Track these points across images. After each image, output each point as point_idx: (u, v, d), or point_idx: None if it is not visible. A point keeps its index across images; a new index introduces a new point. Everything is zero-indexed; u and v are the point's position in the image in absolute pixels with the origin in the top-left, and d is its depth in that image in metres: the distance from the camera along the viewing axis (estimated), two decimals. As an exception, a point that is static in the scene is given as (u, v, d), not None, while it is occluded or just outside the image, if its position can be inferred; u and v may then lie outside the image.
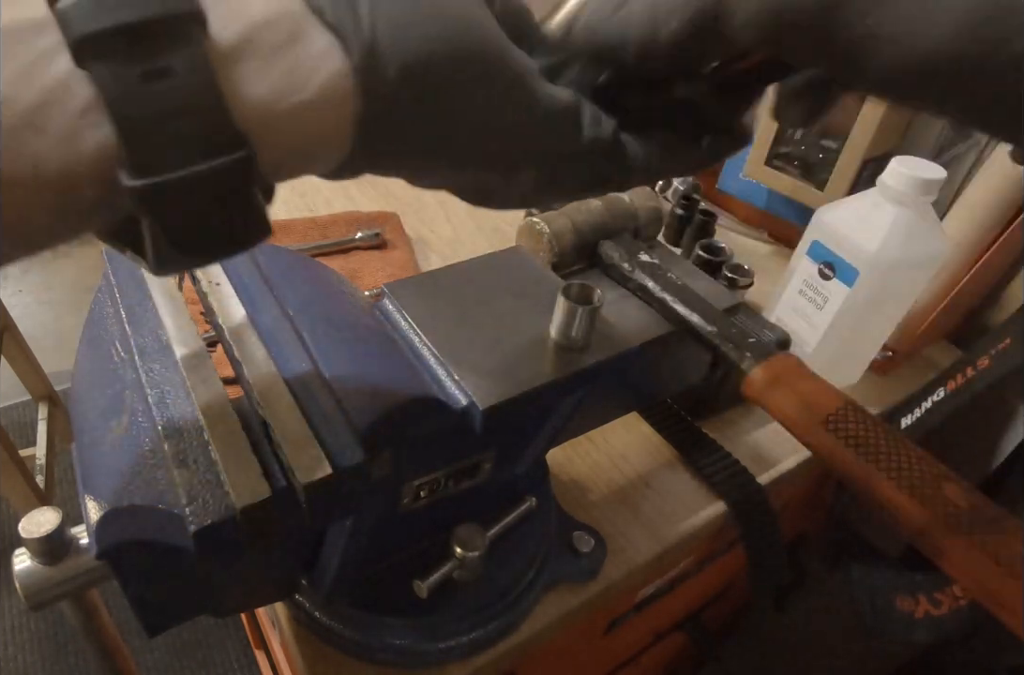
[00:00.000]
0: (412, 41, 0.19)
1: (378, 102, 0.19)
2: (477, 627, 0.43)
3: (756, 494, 0.54)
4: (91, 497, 0.28)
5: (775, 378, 0.38)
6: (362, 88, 0.19)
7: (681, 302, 0.44)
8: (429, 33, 0.20)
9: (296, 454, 0.27)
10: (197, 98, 0.16)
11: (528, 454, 0.43)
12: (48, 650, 1.32)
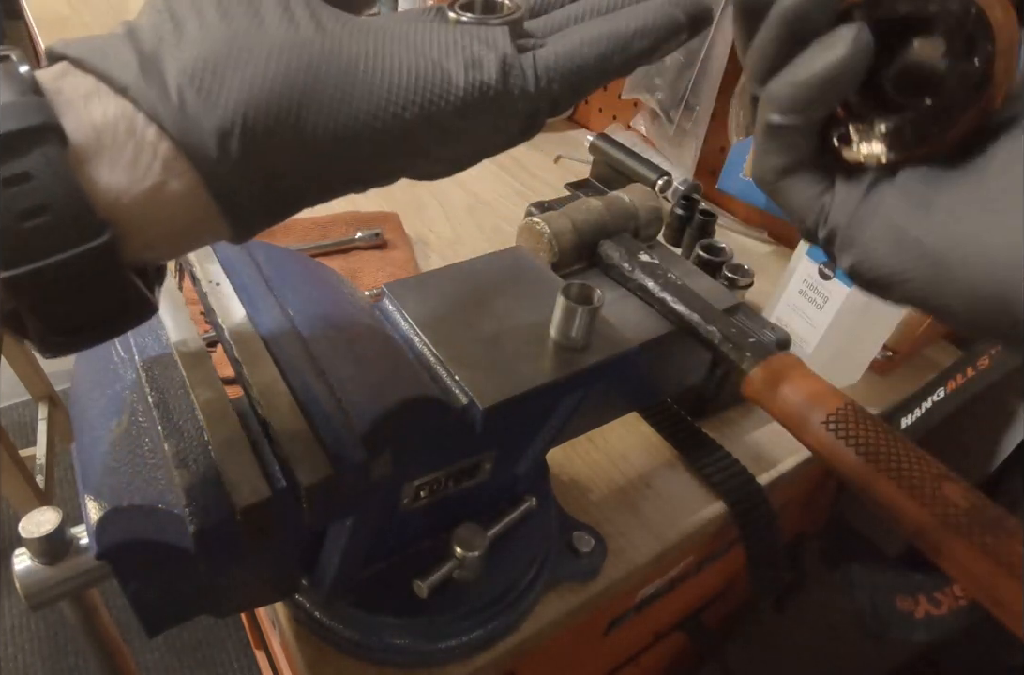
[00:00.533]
0: (219, 105, 0.20)
1: (215, 170, 0.20)
2: (477, 627, 0.43)
3: (756, 494, 0.54)
4: (91, 497, 0.28)
5: (775, 378, 0.38)
6: (194, 162, 0.20)
7: (681, 302, 0.44)
8: (234, 91, 0.20)
9: (296, 454, 0.27)
10: (56, 195, 0.19)
11: (528, 454, 0.43)
12: (48, 650, 1.32)
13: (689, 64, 0.85)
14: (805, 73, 0.22)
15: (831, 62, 0.21)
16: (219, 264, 0.35)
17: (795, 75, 0.22)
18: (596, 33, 0.24)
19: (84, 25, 1.26)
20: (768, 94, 0.23)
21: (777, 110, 0.23)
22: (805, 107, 0.23)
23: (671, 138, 0.93)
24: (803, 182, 0.25)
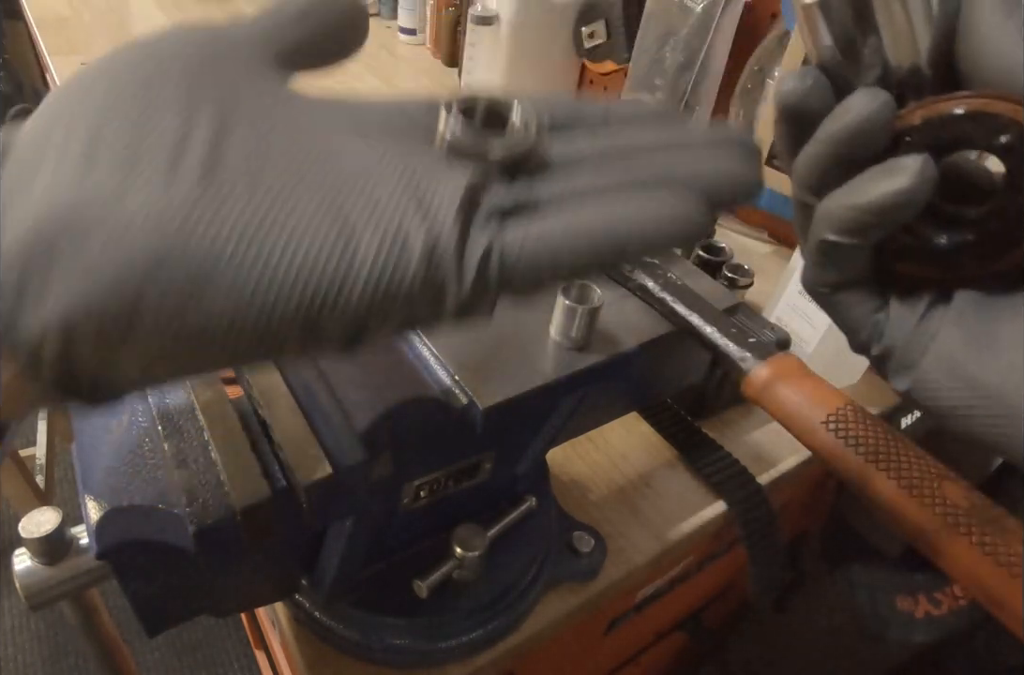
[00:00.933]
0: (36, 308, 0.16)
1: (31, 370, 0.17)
2: (477, 627, 0.43)
3: (756, 494, 0.54)
4: (91, 497, 0.28)
5: (775, 378, 0.38)
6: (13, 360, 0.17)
7: (681, 302, 0.44)
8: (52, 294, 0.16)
9: (296, 454, 0.27)
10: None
11: (528, 454, 0.43)
12: (48, 650, 1.32)
13: (689, 64, 0.85)
14: (864, 199, 0.21)
15: (894, 192, 0.20)
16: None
17: (853, 199, 0.21)
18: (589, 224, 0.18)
19: (84, 25, 1.26)
20: (823, 212, 0.23)
21: (832, 230, 0.22)
22: (863, 231, 0.22)
23: (671, 138, 0.93)
24: (857, 297, 0.24)
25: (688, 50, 0.84)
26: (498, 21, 0.95)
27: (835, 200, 0.22)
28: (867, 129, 0.21)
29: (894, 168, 0.21)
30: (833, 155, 0.22)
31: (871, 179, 0.21)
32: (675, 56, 0.85)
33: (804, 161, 0.23)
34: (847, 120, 0.21)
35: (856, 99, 0.21)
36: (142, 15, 1.35)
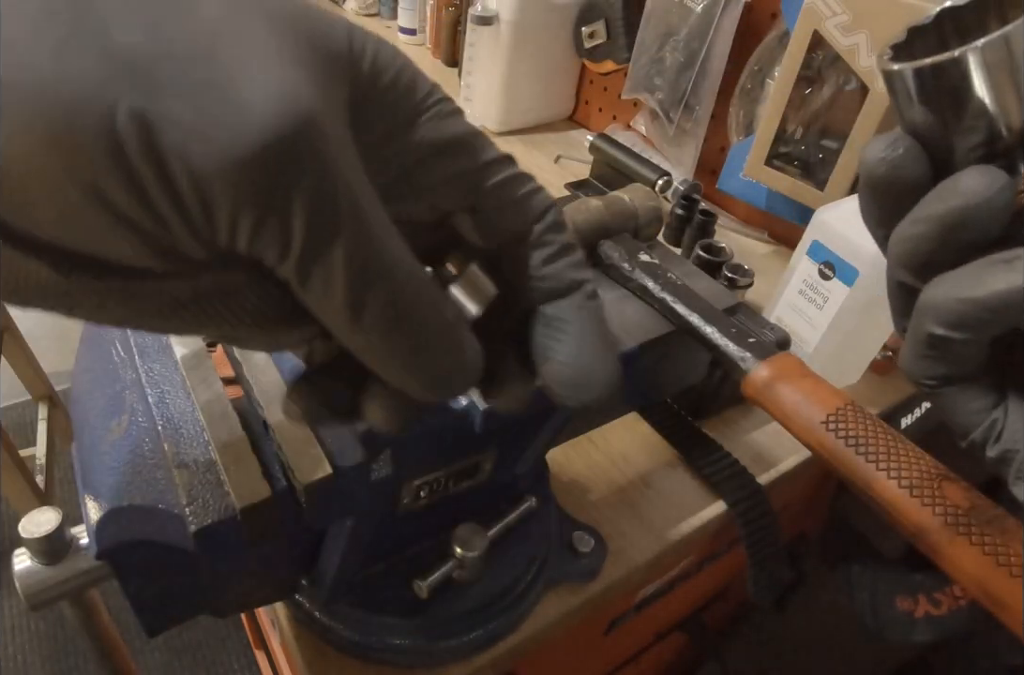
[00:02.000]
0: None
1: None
2: (477, 627, 0.43)
3: (756, 494, 0.54)
4: (91, 497, 0.28)
5: (775, 378, 0.38)
6: None
7: (681, 302, 0.44)
8: None
9: (296, 454, 0.27)
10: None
11: (528, 454, 0.43)
12: (48, 650, 1.32)
13: (689, 64, 0.85)
14: (980, 293, 0.19)
15: (1015, 289, 0.18)
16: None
17: (967, 292, 0.19)
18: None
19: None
20: (930, 302, 0.20)
21: (941, 324, 0.20)
22: (977, 326, 0.19)
23: (671, 138, 0.93)
24: (969, 393, 0.22)
25: (688, 50, 0.84)
26: (498, 21, 0.95)
27: (944, 290, 0.20)
28: (982, 215, 0.19)
29: (1014, 261, 0.18)
30: (940, 239, 0.19)
31: (988, 271, 0.19)
32: (675, 56, 0.85)
33: (904, 241, 0.20)
34: (957, 204, 0.19)
35: (967, 179, 0.19)
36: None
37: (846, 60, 0.65)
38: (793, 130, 0.74)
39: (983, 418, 0.22)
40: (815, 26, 0.65)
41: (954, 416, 0.23)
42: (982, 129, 0.19)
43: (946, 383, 0.22)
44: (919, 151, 0.20)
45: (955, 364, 0.21)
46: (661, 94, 0.89)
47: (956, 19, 0.21)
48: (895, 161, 0.20)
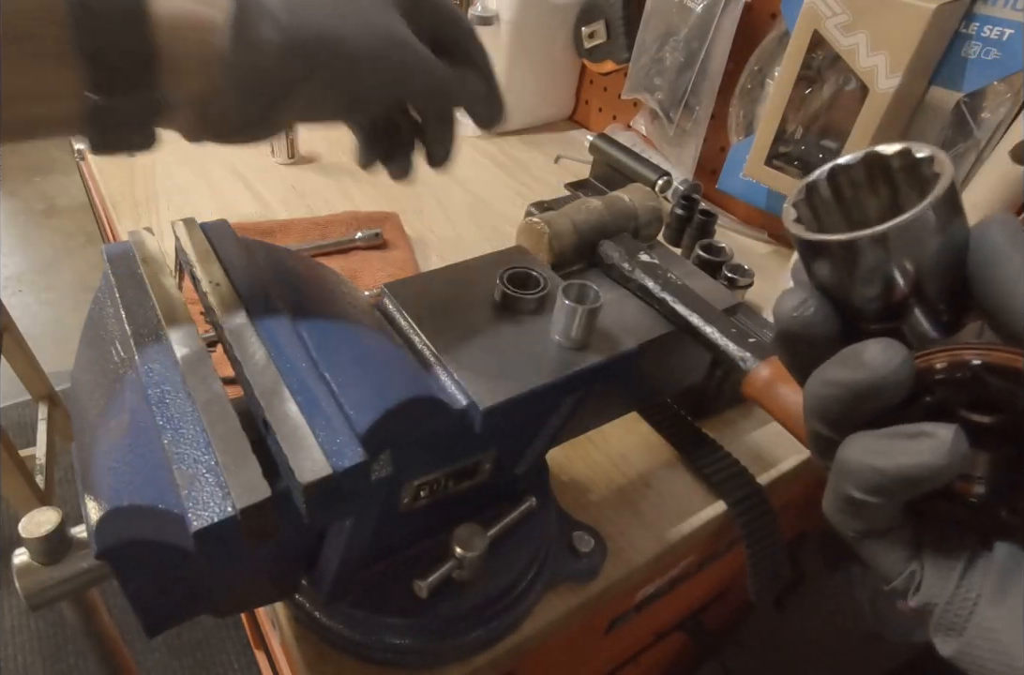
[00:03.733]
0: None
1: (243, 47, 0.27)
2: (477, 627, 0.43)
3: (756, 494, 0.54)
4: (91, 497, 0.28)
5: (775, 378, 0.38)
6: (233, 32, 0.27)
7: (681, 302, 0.44)
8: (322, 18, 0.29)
9: (296, 454, 0.27)
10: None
11: (528, 454, 0.43)
12: (48, 650, 1.32)
13: (689, 64, 0.85)
14: (892, 466, 0.20)
15: (924, 465, 0.19)
16: (219, 264, 0.35)
17: (879, 462, 0.20)
18: None
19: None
20: (846, 467, 0.21)
21: (858, 488, 0.21)
22: (890, 494, 0.20)
23: (671, 138, 0.93)
24: (887, 545, 0.23)
25: (688, 50, 0.84)
26: (498, 21, 0.95)
27: (858, 457, 0.20)
28: (887, 387, 0.20)
29: (922, 437, 0.19)
30: (850, 404, 0.20)
31: (898, 445, 0.20)
32: (675, 56, 0.85)
33: (817, 399, 0.21)
34: (863, 376, 0.20)
35: (872, 353, 0.20)
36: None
37: (846, 60, 0.65)
38: (793, 130, 0.74)
39: (903, 568, 0.23)
40: (815, 26, 0.66)
41: (875, 566, 0.23)
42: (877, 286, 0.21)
43: (865, 537, 0.23)
44: (828, 309, 0.22)
45: (872, 521, 0.22)
46: (661, 94, 0.89)
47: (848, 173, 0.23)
48: (806, 320, 0.22)
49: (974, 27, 0.61)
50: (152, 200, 0.86)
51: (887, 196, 0.22)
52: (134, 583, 0.29)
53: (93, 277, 2.16)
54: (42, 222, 2.48)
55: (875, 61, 0.63)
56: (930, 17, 0.58)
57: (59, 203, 2.57)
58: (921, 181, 0.21)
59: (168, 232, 0.39)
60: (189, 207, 0.85)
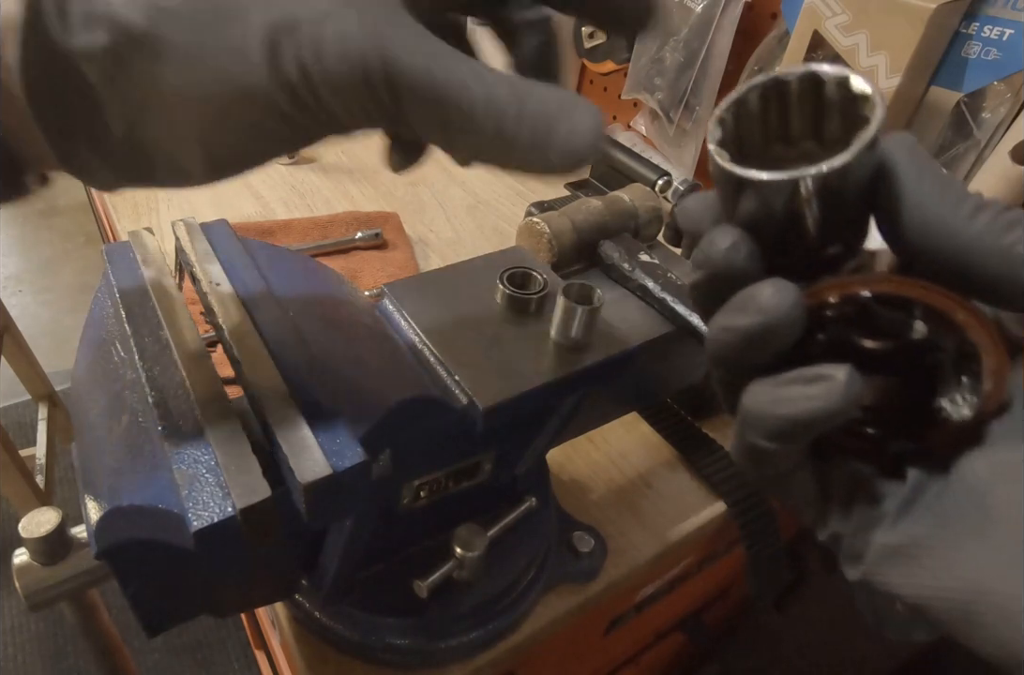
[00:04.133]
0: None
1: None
2: (477, 627, 0.43)
3: (756, 494, 0.54)
4: (91, 497, 0.28)
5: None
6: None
7: (681, 302, 0.44)
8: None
9: (296, 454, 0.27)
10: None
11: (528, 454, 0.43)
12: (48, 650, 1.32)
13: (689, 64, 0.85)
14: (792, 411, 0.20)
15: (819, 408, 0.19)
16: (219, 264, 0.35)
17: (779, 409, 0.20)
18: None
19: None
20: (749, 415, 0.21)
21: (761, 436, 0.21)
22: (792, 439, 0.21)
23: (671, 138, 0.93)
24: (797, 484, 0.23)
25: (688, 50, 0.84)
26: (498, 21, 0.95)
27: (760, 404, 0.21)
28: (779, 329, 0.20)
29: (818, 379, 0.20)
30: (746, 348, 0.21)
31: (796, 390, 0.20)
32: (675, 56, 0.85)
33: (716, 344, 0.22)
34: (756, 320, 0.20)
35: (765, 296, 0.20)
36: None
37: (846, 60, 0.65)
38: (793, 130, 0.74)
39: (813, 506, 0.23)
40: (815, 26, 0.65)
41: (787, 503, 0.24)
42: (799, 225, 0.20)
43: (774, 479, 0.23)
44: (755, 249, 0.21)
45: (777, 465, 0.22)
46: (661, 94, 0.89)
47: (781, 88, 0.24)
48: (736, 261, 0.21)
49: (974, 27, 0.61)
50: (152, 200, 0.86)
51: (810, 118, 0.23)
52: (134, 583, 0.29)
53: (93, 277, 2.16)
54: (42, 222, 2.49)
55: (875, 61, 0.63)
56: (930, 17, 0.58)
57: (59, 203, 2.57)
58: (853, 115, 0.21)
59: (168, 232, 0.39)
60: (189, 207, 0.85)
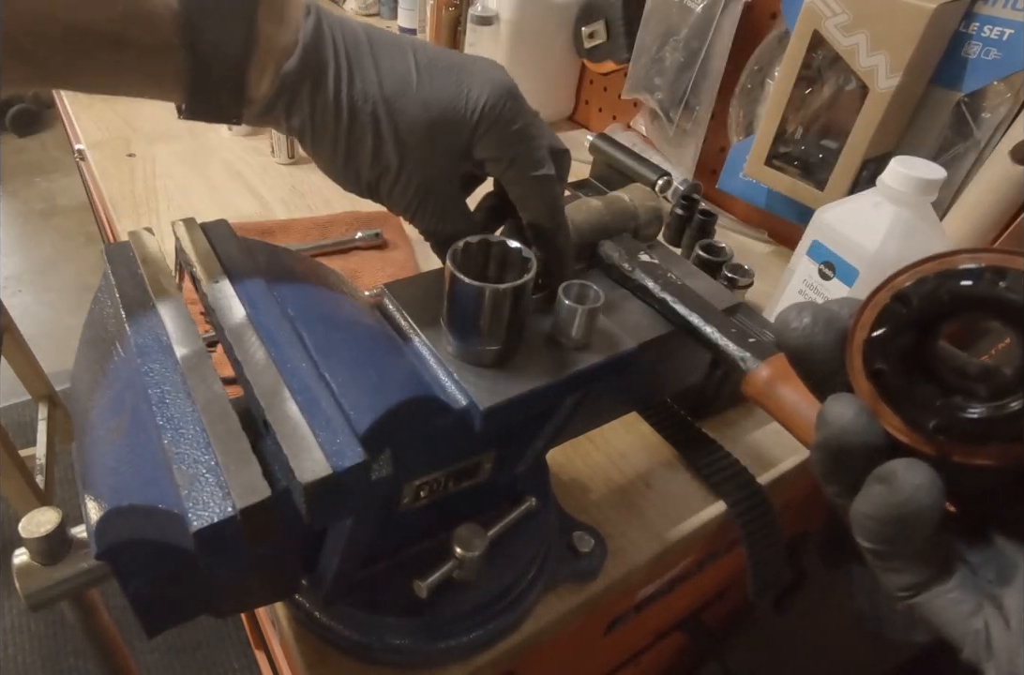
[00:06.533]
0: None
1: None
2: (477, 627, 0.43)
3: (756, 494, 0.54)
4: (91, 497, 0.28)
5: (775, 378, 0.37)
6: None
7: (681, 302, 0.44)
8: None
9: (296, 454, 0.27)
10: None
11: (528, 454, 0.43)
12: (48, 650, 1.32)
13: (689, 64, 0.85)
14: (872, 510, 0.20)
15: (897, 503, 0.19)
16: (219, 264, 0.35)
17: (864, 508, 0.20)
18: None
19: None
20: (852, 519, 0.21)
21: (864, 540, 0.21)
22: (892, 541, 0.20)
23: (671, 138, 0.93)
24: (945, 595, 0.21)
25: (688, 50, 0.84)
26: (498, 21, 0.95)
27: (854, 509, 0.21)
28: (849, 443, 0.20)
29: (885, 477, 0.19)
30: (831, 463, 0.21)
31: (870, 490, 0.20)
32: (675, 56, 0.85)
33: (815, 464, 0.22)
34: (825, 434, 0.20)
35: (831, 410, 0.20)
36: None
37: (846, 60, 0.65)
38: (793, 130, 0.74)
39: (969, 627, 0.21)
40: (815, 26, 0.66)
41: (942, 629, 0.22)
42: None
43: (918, 590, 0.22)
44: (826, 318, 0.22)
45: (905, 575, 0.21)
46: (661, 94, 0.89)
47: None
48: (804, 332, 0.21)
49: (974, 27, 0.61)
50: (152, 200, 0.86)
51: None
52: (134, 583, 0.29)
53: (93, 277, 2.16)
54: (42, 222, 2.49)
55: (875, 61, 0.63)
56: (930, 17, 0.58)
57: (59, 203, 2.57)
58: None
59: (168, 232, 0.38)
60: (189, 207, 0.85)
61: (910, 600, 0.22)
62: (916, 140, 0.69)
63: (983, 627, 0.21)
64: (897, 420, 0.20)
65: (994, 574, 0.21)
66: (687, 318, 0.44)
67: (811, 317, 0.21)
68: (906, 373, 0.20)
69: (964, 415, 0.19)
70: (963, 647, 0.21)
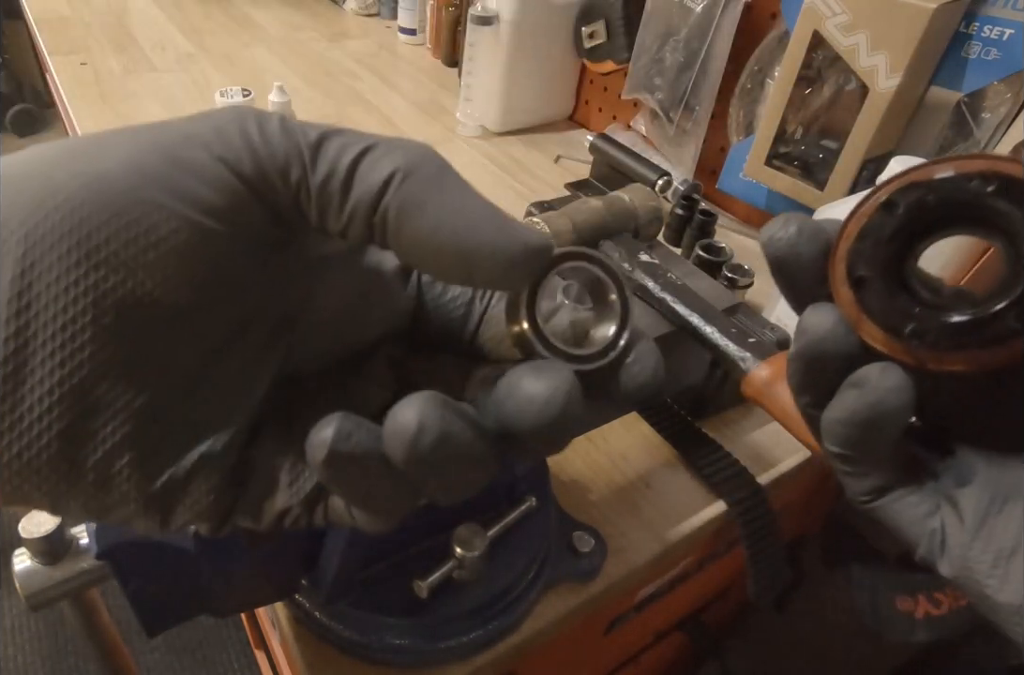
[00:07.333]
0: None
1: None
2: (477, 627, 0.43)
3: (756, 494, 0.54)
4: (91, 497, 0.28)
5: (775, 378, 0.38)
6: None
7: (681, 302, 0.44)
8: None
9: (296, 454, 0.27)
10: None
11: (528, 454, 0.43)
12: (48, 650, 1.32)
13: (689, 64, 0.85)
14: (844, 415, 0.20)
15: (867, 405, 0.20)
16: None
17: (836, 414, 0.21)
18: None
19: (84, 25, 1.26)
20: (823, 426, 0.22)
21: (835, 445, 0.22)
22: (860, 444, 0.21)
23: (671, 138, 0.93)
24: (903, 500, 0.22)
25: (688, 50, 0.84)
26: (498, 21, 0.95)
27: (825, 414, 0.21)
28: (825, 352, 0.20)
29: (858, 381, 0.20)
30: (808, 372, 0.21)
31: (844, 394, 0.20)
32: (675, 56, 0.85)
33: (791, 375, 0.22)
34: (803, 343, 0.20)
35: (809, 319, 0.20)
36: (142, 15, 1.35)
37: (846, 60, 0.65)
38: (793, 130, 0.74)
39: (924, 529, 0.22)
40: (815, 26, 0.66)
41: (899, 532, 0.23)
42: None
43: (878, 495, 0.23)
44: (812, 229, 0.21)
45: (870, 477, 0.22)
46: (661, 94, 0.89)
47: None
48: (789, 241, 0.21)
49: (974, 27, 0.61)
50: (152, 200, 0.86)
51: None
52: (134, 583, 0.29)
53: (93, 277, 2.15)
54: (42, 222, 2.48)
55: (875, 61, 0.63)
56: (930, 17, 0.58)
57: (59, 203, 2.56)
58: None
59: (168, 232, 0.38)
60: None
61: (871, 504, 0.23)
62: (916, 140, 0.69)
63: (939, 526, 0.22)
64: (875, 329, 0.20)
65: (953, 480, 0.22)
66: (687, 318, 0.44)
67: (797, 228, 0.21)
68: (887, 283, 0.20)
69: (944, 319, 0.19)
70: (919, 546, 0.22)
